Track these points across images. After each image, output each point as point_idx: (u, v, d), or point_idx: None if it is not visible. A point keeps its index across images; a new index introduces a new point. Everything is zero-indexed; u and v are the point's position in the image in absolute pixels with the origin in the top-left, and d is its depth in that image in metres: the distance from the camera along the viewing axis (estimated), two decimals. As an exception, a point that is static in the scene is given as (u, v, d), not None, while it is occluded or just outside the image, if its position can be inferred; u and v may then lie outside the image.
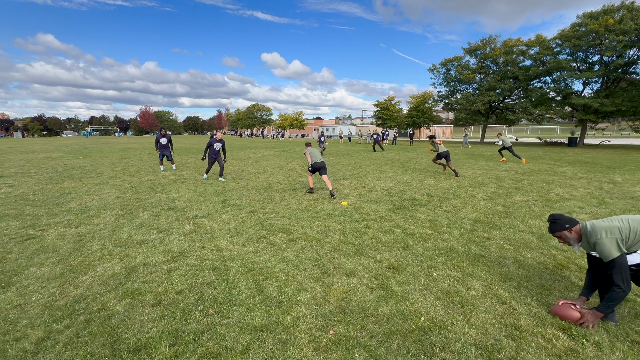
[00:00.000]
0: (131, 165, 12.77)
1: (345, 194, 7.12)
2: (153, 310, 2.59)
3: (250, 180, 9.05)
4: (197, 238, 4.29)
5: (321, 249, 3.89)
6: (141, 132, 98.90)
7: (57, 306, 2.64)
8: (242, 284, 3.00)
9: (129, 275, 3.20)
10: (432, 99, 36.01)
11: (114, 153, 19.59)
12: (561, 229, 2.39)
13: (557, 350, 2.08)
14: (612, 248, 2.14)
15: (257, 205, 6.06)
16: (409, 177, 9.29)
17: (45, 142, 37.47)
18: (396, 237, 4.27)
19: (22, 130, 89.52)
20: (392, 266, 3.37)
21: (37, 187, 8.03)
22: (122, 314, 2.53)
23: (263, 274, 3.20)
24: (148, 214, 5.49)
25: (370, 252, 3.77)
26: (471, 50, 31.23)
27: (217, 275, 3.20)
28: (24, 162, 14.40)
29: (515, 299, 2.71)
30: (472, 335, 2.24)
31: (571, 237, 2.38)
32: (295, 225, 4.81)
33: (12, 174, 10.49)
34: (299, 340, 2.19)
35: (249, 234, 4.43)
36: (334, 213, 5.48)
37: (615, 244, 2.14)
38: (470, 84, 32.35)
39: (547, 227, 2.48)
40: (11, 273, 3.27)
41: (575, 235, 2.37)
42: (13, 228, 4.76)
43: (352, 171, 10.80)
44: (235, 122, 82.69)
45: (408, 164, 12.76)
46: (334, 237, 4.28)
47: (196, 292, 2.86)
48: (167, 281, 3.07)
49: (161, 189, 7.72)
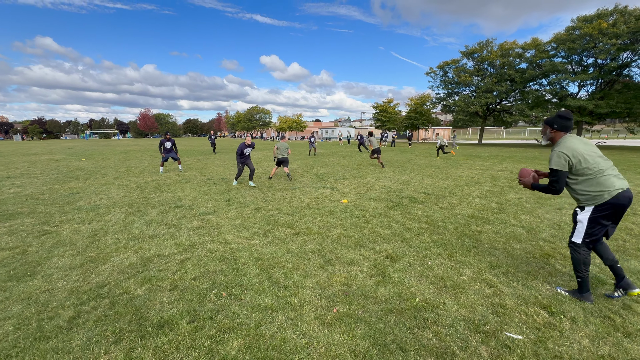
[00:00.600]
0: (134, 167, 13.00)
1: (345, 192, 7.37)
2: (171, 294, 2.82)
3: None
4: (206, 233, 4.53)
5: (323, 241, 4.13)
6: (141, 134, 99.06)
7: (82, 291, 2.87)
8: (251, 272, 3.24)
9: (145, 265, 3.43)
10: (430, 101, 36.41)
11: (115, 155, 19.81)
12: (550, 123, 2.67)
13: (537, 324, 2.33)
14: (557, 162, 2.52)
15: (261, 203, 6.30)
16: (407, 177, 9.55)
17: (46, 145, 37.64)
18: (394, 231, 4.52)
19: (22, 133, 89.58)
20: (390, 256, 3.62)
21: (45, 187, 8.25)
22: (143, 297, 2.77)
23: (270, 263, 3.44)
24: (156, 212, 5.72)
25: (369, 244, 4.01)
26: (468, 53, 31.67)
27: (227, 264, 3.44)
28: (27, 164, 14.61)
29: (503, 283, 2.96)
30: (461, 312, 2.49)
31: (548, 134, 2.71)
32: (298, 221, 5.05)
33: (19, 175, 10.70)
34: (306, 317, 2.43)
35: (254, 229, 4.67)
36: (334, 210, 5.73)
37: (561, 162, 2.51)
38: (467, 86, 32.77)
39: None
40: (34, 263, 3.50)
41: (552, 136, 2.69)
42: (28, 224, 4.99)
43: (351, 171, 11.06)
44: (234, 125, 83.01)
45: (406, 165, 13.03)
46: (335, 231, 4.53)
47: (209, 279, 3.10)
48: (181, 270, 3.31)
49: (166, 189, 7.95)
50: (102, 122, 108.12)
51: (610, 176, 2.48)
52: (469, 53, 31.72)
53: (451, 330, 2.27)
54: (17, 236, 4.44)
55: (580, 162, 2.48)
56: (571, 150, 2.50)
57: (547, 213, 5.37)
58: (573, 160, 2.48)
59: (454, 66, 32.67)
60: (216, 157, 17.39)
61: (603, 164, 2.51)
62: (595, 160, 2.50)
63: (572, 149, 2.50)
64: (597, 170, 2.47)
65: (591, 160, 2.48)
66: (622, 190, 2.45)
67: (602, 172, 2.48)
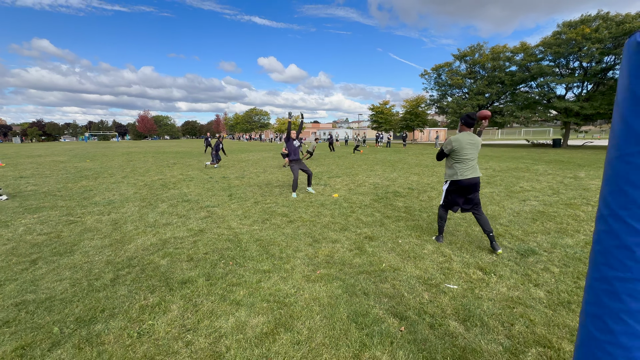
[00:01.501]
0: (139, 167, 13.67)
1: (337, 188, 8.09)
2: (188, 264, 3.52)
3: (252, 178, 10.00)
4: (212, 221, 5.23)
5: (313, 227, 4.85)
6: (140, 136, 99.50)
7: (116, 262, 3.57)
8: (252, 249, 3.94)
9: (164, 245, 4.13)
10: (424, 103, 37.30)
11: (118, 157, 20.46)
12: (460, 120, 3.74)
13: (472, 279, 3.05)
14: (444, 145, 3.79)
15: (260, 198, 7.01)
16: (396, 175, 10.29)
17: (47, 147, 38.18)
18: (375, 219, 5.24)
19: (21, 135, 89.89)
20: (368, 237, 4.34)
21: (59, 186, 8.92)
22: (166, 265, 3.47)
23: (268, 243, 4.15)
24: (166, 205, 6.41)
25: (352, 229, 4.73)
26: (460, 56, 32.59)
27: (232, 243, 4.14)
28: (35, 165, 15.25)
29: (455, 254, 3.68)
30: (416, 273, 3.21)
31: (459, 127, 3.84)
32: (292, 212, 5.76)
33: (30, 175, 11.36)
34: (295, 276, 3.14)
35: (254, 218, 5.38)
36: (325, 203, 6.44)
37: (445, 144, 3.76)
38: (460, 88, 33.67)
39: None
40: (70, 244, 4.19)
41: (460, 128, 3.81)
42: (54, 216, 5.67)
43: (344, 170, 11.79)
44: (233, 126, 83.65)
45: (397, 164, 13.78)
46: (325, 219, 5.24)
47: (218, 254, 3.80)
48: (194, 247, 4.01)
49: (172, 186, 8.64)
50: (100, 124, 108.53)
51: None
52: (462, 56, 32.65)
53: (405, 283, 2.99)
54: (48, 224, 5.12)
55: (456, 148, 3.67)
56: (456, 139, 3.68)
57: (512, 204, 6.10)
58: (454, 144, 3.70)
59: (447, 69, 33.61)
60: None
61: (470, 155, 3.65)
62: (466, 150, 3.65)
63: (457, 139, 3.68)
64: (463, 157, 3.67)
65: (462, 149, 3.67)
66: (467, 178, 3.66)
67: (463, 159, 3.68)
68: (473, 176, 3.63)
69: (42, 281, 3.12)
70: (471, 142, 3.63)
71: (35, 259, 3.66)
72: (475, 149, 3.66)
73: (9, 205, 6.51)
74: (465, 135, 3.66)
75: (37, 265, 3.48)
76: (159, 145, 41.27)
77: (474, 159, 3.66)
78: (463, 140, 3.62)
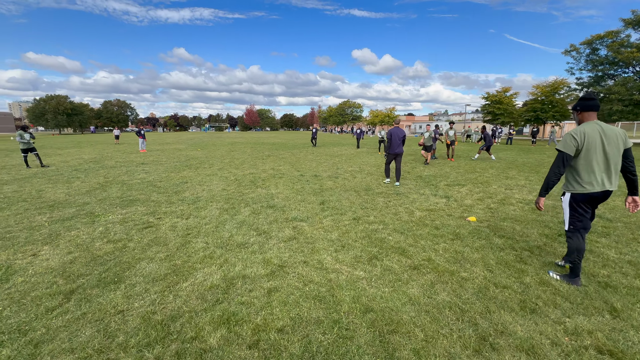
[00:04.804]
0: (236, 159, 13.78)
1: (467, 205, 5.63)
2: (250, 354, 1.98)
3: (347, 179, 8.33)
4: (298, 248, 3.70)
5: (461, 289, 2.74)
6: (246, 128, 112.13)
7: (153, 322, 2.31)
8: (360, 336, 2.15)
9: (227, 290, 2.75)
10: (566, 88, 28.79)
11: (224, 146, 22.04)
12: (574, 107, 2.74)
13: None
14: (562, 143, 2.66)
15: (360, 211, 5.22)
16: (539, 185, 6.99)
17: (177, 136, 45.81)
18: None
19: (163, 126, 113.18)
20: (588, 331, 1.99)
21: (164, 175, 9.13)
22: (217, 351, 2.00)
23: (387, 322, 2.29)
24: (249, 211, 5.28)
25: (541, 305, 2.43)
26: (636, 21, 23.38)
27: (325, 309, 2.45)
28: (159, 152, 17.34)
29: None
30: None
31: (575, 117, 2.77)
32: (413, 245, 3.75)
33: (150, 162, 12.50)
34: None
35: (356, 251, 3.60)
36: (461, 232, 4.18)
37: (566, 144, 2.61)
38: (630, 66, 24.38)
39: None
40: (126, 265, 3.25)
41: (577, 118, 2.75)
42: (138, 214, 5.14)
43: (465, 175, 8.95)
44: (326, 119, 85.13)
45: (539, 168, 9.98)
46: (475, 271, 3.05)
47: (301, 335, 2.16)
48: (267, 307, 2.47)
49: (261, 184, 7.70)
50: (217, 117, 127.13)
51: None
52: (637, 22, 23.40)
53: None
54: (125, 226, 4.51)
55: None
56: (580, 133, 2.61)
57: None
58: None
59: (610, 40, 24.69)
60: (309, 152, 17.29)
61: None
62: None
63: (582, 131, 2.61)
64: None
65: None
66: None
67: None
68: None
69: (42, 349, 2.04)
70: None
71: (72, 291, 2.74)
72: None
73: (112, 195, 6.52)
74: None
75: (63, 308, 2.50)
76: (258, 136, 44.49)
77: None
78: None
